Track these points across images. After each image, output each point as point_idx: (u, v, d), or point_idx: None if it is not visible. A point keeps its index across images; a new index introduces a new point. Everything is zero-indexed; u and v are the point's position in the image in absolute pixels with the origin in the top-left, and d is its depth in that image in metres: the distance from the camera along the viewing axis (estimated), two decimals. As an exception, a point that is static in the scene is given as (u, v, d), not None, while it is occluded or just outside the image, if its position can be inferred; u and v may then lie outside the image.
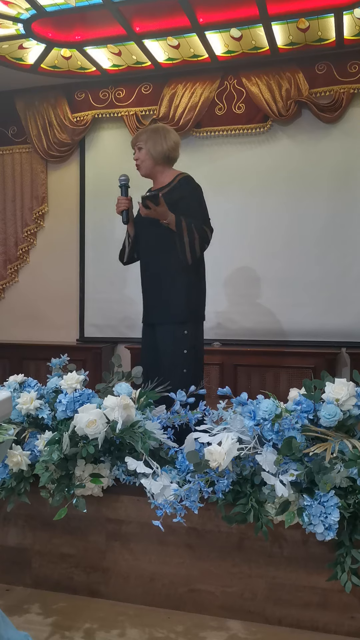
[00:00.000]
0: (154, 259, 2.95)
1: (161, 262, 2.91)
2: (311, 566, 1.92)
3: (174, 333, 2.87)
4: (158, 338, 2.94)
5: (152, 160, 2.96)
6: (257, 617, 1.97)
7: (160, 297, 2.93)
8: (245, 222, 5.02)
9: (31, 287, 5.66)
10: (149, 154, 2.94)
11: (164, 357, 2.88)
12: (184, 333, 2.87)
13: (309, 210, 4.87)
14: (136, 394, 2.27)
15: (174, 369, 2.81)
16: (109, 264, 5.30)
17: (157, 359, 2.91)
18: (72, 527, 2.17)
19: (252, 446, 1.90)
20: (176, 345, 2.86)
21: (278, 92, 4.80)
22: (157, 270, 2.94)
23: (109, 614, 2.03)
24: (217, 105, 5.01)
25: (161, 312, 2.92)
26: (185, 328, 2.87)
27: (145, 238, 3.00)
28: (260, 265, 4.98)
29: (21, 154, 5.63)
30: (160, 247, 2.90)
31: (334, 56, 4.66)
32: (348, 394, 1.89)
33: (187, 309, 2.89)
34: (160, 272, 2.93)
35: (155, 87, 5.13)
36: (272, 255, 4.94)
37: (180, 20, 4.17)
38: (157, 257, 2.93)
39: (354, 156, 4.76)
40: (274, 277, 4.95)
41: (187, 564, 2.04)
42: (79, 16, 4.22)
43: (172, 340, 2.87)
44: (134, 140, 3.02)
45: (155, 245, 2.93)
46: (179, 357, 2.85)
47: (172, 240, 2.85)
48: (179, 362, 2.84)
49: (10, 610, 2.04)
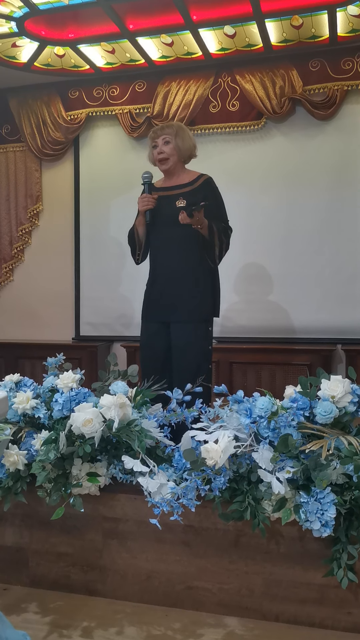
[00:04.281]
0: (176, 258, 2.90)
1: (184, 261, 2.88)
2: (308, 562, 1.93)
3: (201, 331, 2.90)
4: (175, 336, 2.89)
5: (179, 156, 2.94)
6: (254, 613, 1.98)
7: (183, 295, 2.88)
8: (239, 220, 4.97)
9: (26, 286, 5.65)
10: (177, 148, 2.91)
11: (186, 355, 2.85)
12: (209, 330, 2.93)
13: (304, 207, 4.87)
14: (132, 392, 2.28)
15: (201, 365, 2.84)
16: (104, 263, 5.32)
17: (170, 357, 2.90)
18: (69, 526, 2.18)
19: (248, 444, 1.90)
20: (203, 343, 2.90)
21: (272, 90, 4.80)
22: (180, 270, 2.89)
23: (106, 612, 2.03)
24: (211, 103, 5.00)
25: (182, 310, 2.88)
26: (209, 325, 2.95)
27: (163, 236, 2.93)
28: (255, 263, 4.98)
29: (15, 153, 5.61)
30: (184, 246, 2.87)
31: (327, 53, 4.66)
32: (344, 391, 1.90)
33: (212, 308, 2.97)
34: (183, 272, 2.89)
35: (149, 84, 5.12)
36: (267, 253, 4.95)
37: (174, 17, 4.16)
38: (180, 256, 2.89)
39: (348, 153, 4.77)
40: (269, 274, 4.95)
41: (184, 561, 2.05)
42: (72, 14, 4.21)
43: (199, 337, 2.88)
44: (159, 132, 2.93)
45: (179, 245, 2.88)
46: (206, 353, 2.90)
47: (199, 242, 2.85)
48: (205, 358, 2.89)
49: (8, 609, 2.04)
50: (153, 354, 2.97)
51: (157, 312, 2.97)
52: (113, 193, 5.24)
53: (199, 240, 2.85)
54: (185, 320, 2.88)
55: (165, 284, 2.94)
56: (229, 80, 4.95)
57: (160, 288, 2.96)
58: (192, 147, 2.97)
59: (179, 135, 2.91)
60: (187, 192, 2.89)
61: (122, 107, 5.19)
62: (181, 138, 2.92)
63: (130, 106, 5.16)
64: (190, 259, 2.88)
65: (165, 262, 2.95)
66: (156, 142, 2.94)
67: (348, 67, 4.65)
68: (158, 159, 2.94)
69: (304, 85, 4.74)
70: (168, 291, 2.92)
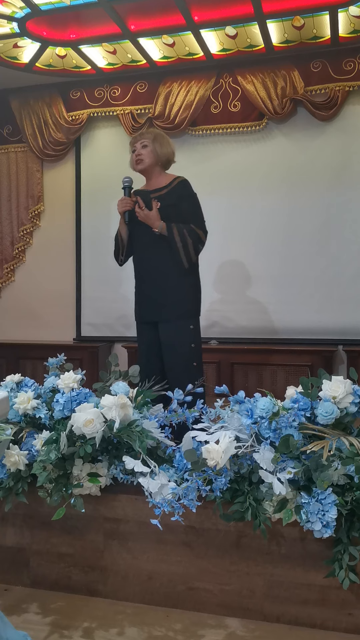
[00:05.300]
0: (156, 259, 3.01)
1: (163, 261, 2.98)
2: (309, 563, 1.92)
3: (181, 329, 2.98)
4: (163, 335, 3.01)
5: (155, 160, 3.06)
6: (255, 614, 1.97)
7: (164, 295, 2.99)
8: (241, 221, 5.02)
9: (27, 287, 5.65)
10: (154, 152, 3.04)
11: (173, 353, 2.97)
12: (190, 328, 2.99)
13: (305, 207, 4.87)
14: (133, 392, 2.27)
15: (185, 364, 2.93)
16: (105, 263, 5.29)
17: (161, 356, 3.01)
18: (70, 526, 2.17)
19: (249, 444, 1.90)
20: (185, 340, 2.97)
21: (273, 90, 4.80)
22: (160, 269, 3.00)
23: (107, 612, 2.03)
24: (213, 104, 5.00)
25: (166, 309, 2.99)
26: (190, 323, 3.00)
27: (146, 238, 3.03)
28: (256, 263, 4.98)
29: (16, 153, 5.62)
30: (162, 247, 2.96)
31: (329, 54, 4.66)
32: (345, 392, 1.90)
33: (191, 305, 3.03)
34: (163, 271, 2.99)
35: (150, 85, 5.12)
36: (268, 253, 4.95)
37: (176, 18, 4.17)
38: (159, 257, 2.99)
39: (350, 154, 4.77)
40: (270, 274, 4.95)
41: (185, 562, 2.05)
42: (73, 15, 4.21)
43: (180, 335, 2.97)
44: (138, 137, 3.10)
45: (157, 245, 2.98)
46: (188, 351, 2.97)
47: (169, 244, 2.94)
48: (188, 356, 2.96)
49: (9, 610, 2.04)
50: (142, 354, 3.10)
51: (144, 312, 3.09)
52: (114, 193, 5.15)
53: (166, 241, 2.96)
54: (166, 319, 3.00)
55: (146, 284, 3.06)
56: (231, 81, 4.95)
57: (145, 289, 3.08)
58: (170, 153, 3.09)
59: (157, 140, 3.06)
60: (163, 194, 3.01)
61: (123, 108, 5.19)
62: (159, 143, 3.06)
63: (132, 107, 5.17)
64: (169, 260, 2.97)
65: (146, 264, 3.07)
66: (135, 147, 3.09)
67: (349, 68, 4.65)
68: (134, 160, 3.08)
69: (306, 86, 4.75)
70: (151, 292, 3.04)
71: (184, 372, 2.86)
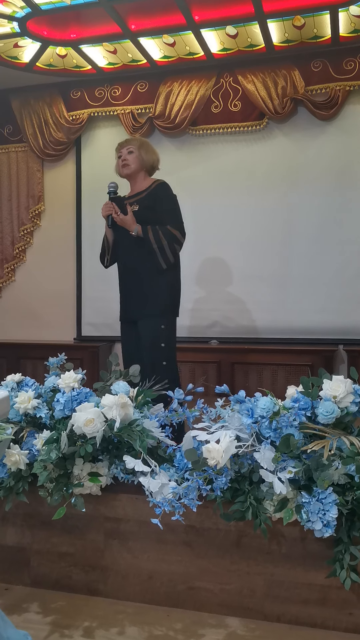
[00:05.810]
0: (134, 260, 3.09)
1: (141, 263, 3.05)
2: (309, 563, 1.92)
3: (152, 327, 3.04)
4: (140, 334, 3.08)
5: (140, 165, 3.16)
6: (255, 614, 1.97)
7: (141, 294, 3.08)
8: (241, 220, 5.02)
9: (28, 286, 5.65)
10: (139, 158, 3.15)
11: (145, 352, 3.03)
12: (161, 327, 3.05)
13: (306, 207, 4.87)
14: (134, 392, 2.28)
15: (153, 362, 2.97)
16: (106, 263, 5.31)
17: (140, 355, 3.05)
18: (71, 526, 2.17)
19: (250, 444, 1.90)
20: (155, 339, 3.03)
21: (274, 90, 4.80)
22: (138, 270, 3.08)
23: (108, 612, 2.03)
24: (213, 103, 5.00)
25: (141, 308, 3.08)
26: (162, 322, 3.05)
27: (126, 241, 3.10)
28: (256, 263, 4.98)
29: (17, 153, 5.62)
30: (142, 249, 3.03)
31: (329, 53, 4.66)
32: (345, 391, 1.90)
33: (163, 304, 3.08)
34: (141, 272, 3.07)
35: (151, 85, 5.12)
36: (269, 253, 4.95)
37: (176, 17, 4.17)
38: (138, 258, 3.07)
39: (350, 153, 4.76)
40: (271, 274, 4.95)
41: (186, 561, 2.05)
42: (74, 14, 4.21)
43: (151, 334, 3.04)
44: (124, 144, 3.21)
45: (136, 247, 3.06)
46: (158, 350, 3.02)
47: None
48: (157, 355, 3.01)
49: (10, 609, 2.04)
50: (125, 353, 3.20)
51: (123, 312, 3.21)
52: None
53: None
54: (140, 318, 3.08)
55: (127, 285, 3.16)
56: (231, 81, 4.95)
57: (124, 289, 3.19)
58: (155, 159, 3.20)
59: (142, 147, 3.17)
60: (141, 198, 3.11)
61: (124, 108, 5.19)
62: (145, 150, 3.17)
63: (132, 106, 5.16)
64: (145, 261, 3.04)
65: (127, 265, 3.16)
66: (121, 153, 3.19)
67: (350, 68, 4.65)
68: (121, 165, 3.17)
69: (306, 86, 4.75)
70: (129, 291, 3.14)
71: (152, 371, 2.79)
